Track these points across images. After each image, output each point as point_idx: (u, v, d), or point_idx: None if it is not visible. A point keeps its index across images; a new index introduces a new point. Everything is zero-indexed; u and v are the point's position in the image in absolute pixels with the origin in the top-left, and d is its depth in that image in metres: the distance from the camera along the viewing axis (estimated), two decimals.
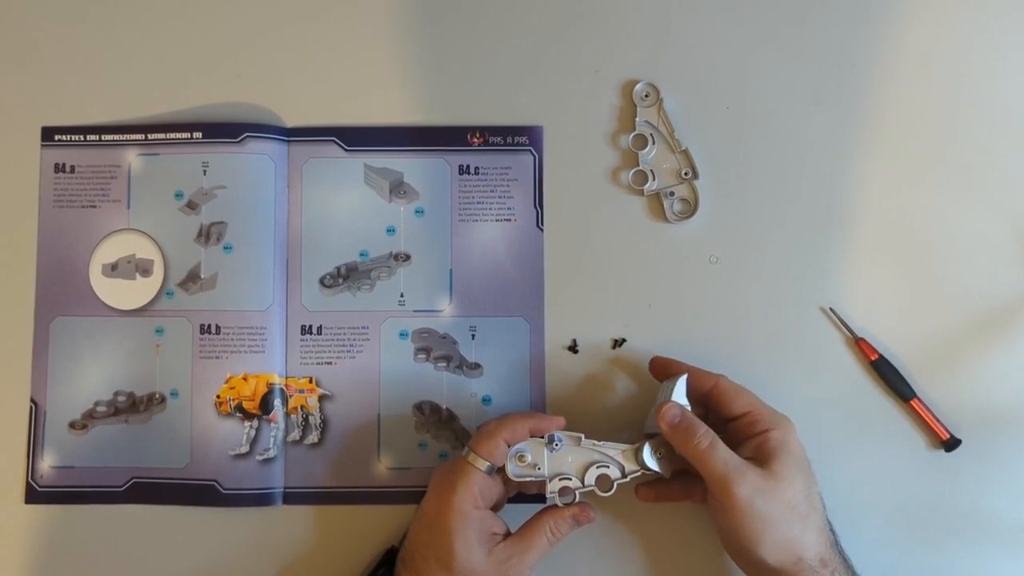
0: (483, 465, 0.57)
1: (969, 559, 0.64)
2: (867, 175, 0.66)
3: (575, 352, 0.66)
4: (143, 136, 0.66)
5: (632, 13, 0.68)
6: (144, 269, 0.66)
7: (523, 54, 0.67)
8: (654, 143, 0.66)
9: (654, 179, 0.66)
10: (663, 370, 0.62)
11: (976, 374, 0.65)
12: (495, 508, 0.60)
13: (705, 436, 0.56)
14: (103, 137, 0.67)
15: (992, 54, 0.67)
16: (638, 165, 0.66)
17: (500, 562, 0.57)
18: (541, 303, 0.66)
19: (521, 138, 0.67)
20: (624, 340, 0.66)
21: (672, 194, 0.66)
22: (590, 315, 0.66)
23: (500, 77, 0.67)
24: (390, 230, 0.66)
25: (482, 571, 0.57)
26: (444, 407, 0.65)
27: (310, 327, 0.66)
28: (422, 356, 0.66)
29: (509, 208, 0.66)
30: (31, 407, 0.65)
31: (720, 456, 0.56)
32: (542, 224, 0.66)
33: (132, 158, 0.66)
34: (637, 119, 0.66)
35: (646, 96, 0.67)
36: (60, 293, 0.66)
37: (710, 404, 0.60)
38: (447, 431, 0.65)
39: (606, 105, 0.67)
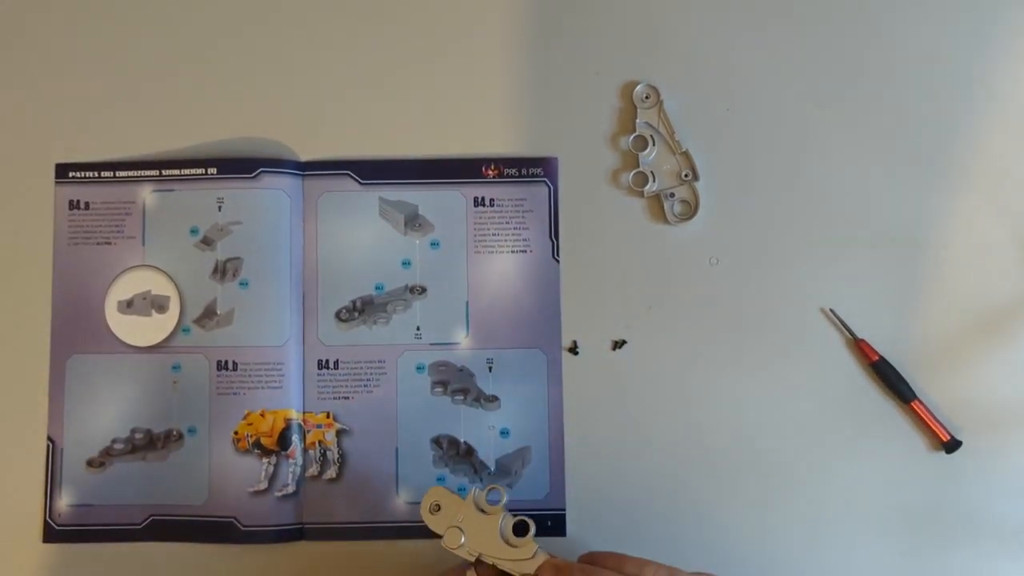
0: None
1: (970, 561, 0.64)
2: (867, 176, 0.66)
3: (575, 354, 0.65)
4: (157, 172, 0.66)
5: (632, 14, 0.68)
6: (160, 305, 0.66)
7: (523, 61, 0.67)
8: (654, 144, 0.66)
9: (654, 180, 0.66)
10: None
11: (977, 376, 0.65)
12: None
13: None
14: (117, 173, 0.67)
15: (992, 55, 0.67)
16: (638, 166, 0.66)
17: None
18: (558, 335, 0.66)
19: (536, 169, 0.67)
20: (624, 341, 0.65)
21: (672, 195, 0.66)
22: (590, 317, 0.66)
23: (502, 87, 0.67)
24: (406, 263, 0.66)
25: None
26: (462, 441, 0.65)
27: (327, 362, 0.65)
28: (439, 389, 0.65)
29: (525, 240, 0.66)
30: (48, 445, 0.65)
31: None
32: (558, 255, 0.66)
33: (147, 194, 0.66)
34: (637, 120, 0.66)
35: (646, 97, 0.67)
36: (76, 330, 0.66)
37: None
38: (465, 465, 0.65)
39: (606, 107, 0.67)
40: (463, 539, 0.55)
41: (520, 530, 0.56)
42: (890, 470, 0.64)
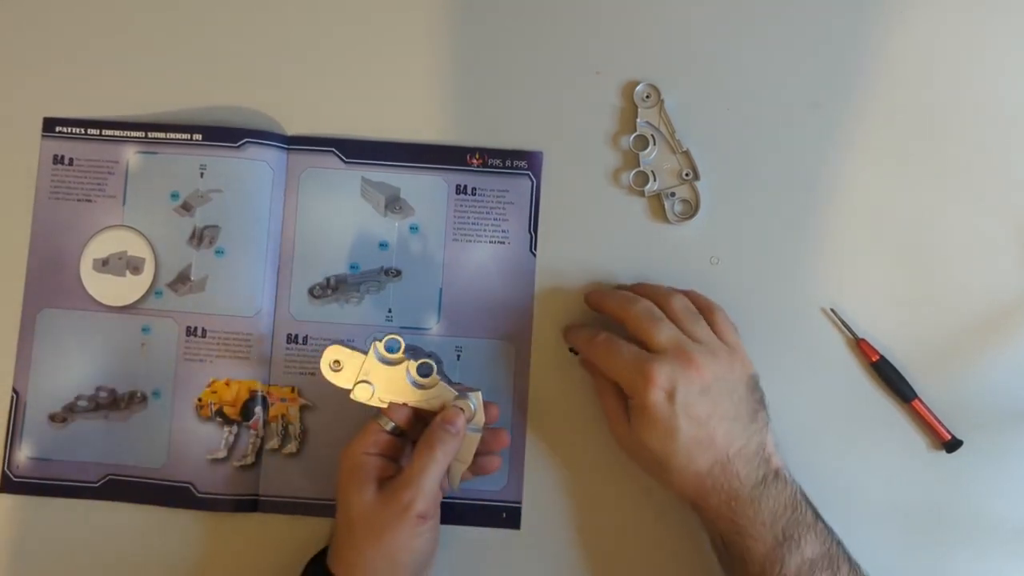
0: (386, 423, 0.59)
1: (970, 561, 0.64)
2: (867, 176, 0.66)
3: (576, 353, 0.65)
4: (143, 134, 0.66)
5: (632, 13, 0.68)
6: (135, 267, 0.66)
7: (523, 56, 0.68)
8: (655, 144, 0.66)
9: (655, 180, 0.66)
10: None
11: (977, 375, 0.65)
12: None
13: (600, 386, 0.62)
14: (104, 132, 0.67)
15: (992, 54, 0.67)
16: (639, 166, 0.66)
17: (393, 493, 0.57)
18: (529, 328, 0.66)
19: (520, 162, 0.67)
20: None
21: (673, 195, 0.66)
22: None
23: (501, 80, 0.67)
24: (383, 245, 0.66)
25: (373, 507, 0.57)
26: None
27: (296, 336, 0.66)
28: None
29: (504, 231, 0.66)
30: (12, 396, 0.65)
31: (604, 403, 0.62)
32: (535, 249, 0.66)
33: (131, 155, 0.66)
34: (638, 120, 0.66)
35: (647, 97, 0.67)
36: (49, 285, 0.66)
37: None
38: None
39: (606, 106, 0.67)
40: (372, 390, 0.58)
41: (424, 371, 0.59)
42: (890, 470, 0.64)
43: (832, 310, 0.65)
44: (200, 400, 0.64)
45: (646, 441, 0.57)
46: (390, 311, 0.66)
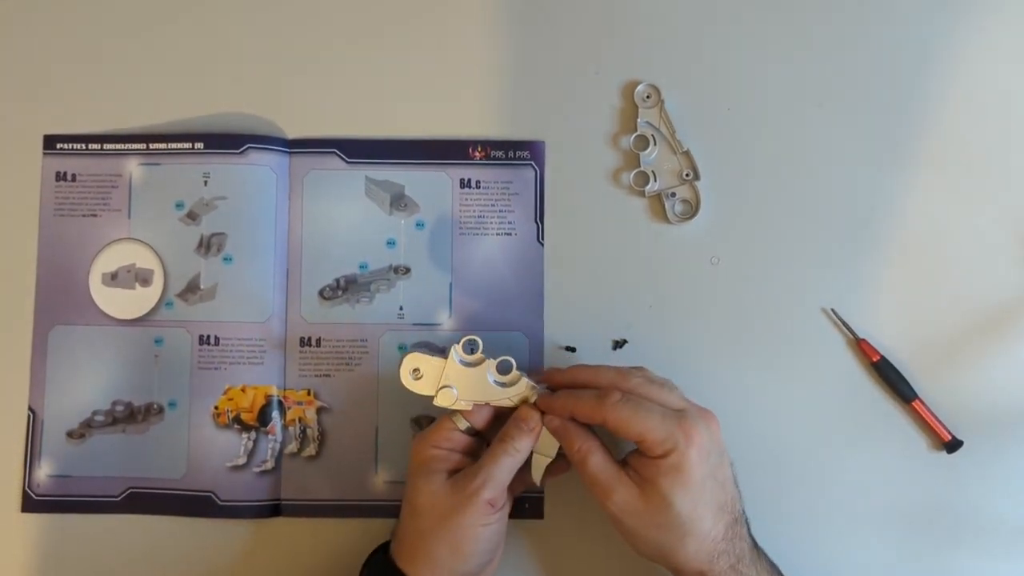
0: (461, 423, 0.59)
1: (971, 561, 0.64)
2: (868, 176, 0.66)
3: (573, 352, 0.65)
4: (144, 146, 0.66)
5: (632, 13, 0.68)
6: (144, 279, 0.66)
7: (523, 56, 0.67)
8: (655, 144, 0.66)
9: (655, 180, 0.66)
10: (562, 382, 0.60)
11: (978, 375, 0.65)
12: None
13: (581, 448, 0.56)
14: (105, 146, 0.67)
15: (992, 55, 0.67)
16: (639, 166, 0.66)
17: (463, 479, 0.56)
18: (541, 318, 0.66)
19: (523, 152, 0.67)
20: (625, 341, 0.65)
21: (673, 195, 0.66)
22: (591, 316, 0.66)
23: (500, 78, 0.67)
24: (390, 243, 0.66)
25: (441, 494, 0.56)
26: None
27: (309, 339, 0.65)
28: None
29: (510, 222, 0.66)
30: (29, 415, 0.65)
31: (592, 468, 0.56)
32: (543, 239, 0.66)
33: (133, 167, 0.66)
34: (638, 120, 0.66)
35: (647, 97, 0.67)
36: (59, 301, 0.66)
37: None
38: None
39: (607, 106, 0.67)
40: (455, 395, 0.58)
41: (505, 368, 0.59)
42: (891, 470, 0.64)
43: (832, 310, 0.65)
44: (217, 408, 0.64)
45: (674, 503, 0.54)
46: (401, 308, 0.66)
